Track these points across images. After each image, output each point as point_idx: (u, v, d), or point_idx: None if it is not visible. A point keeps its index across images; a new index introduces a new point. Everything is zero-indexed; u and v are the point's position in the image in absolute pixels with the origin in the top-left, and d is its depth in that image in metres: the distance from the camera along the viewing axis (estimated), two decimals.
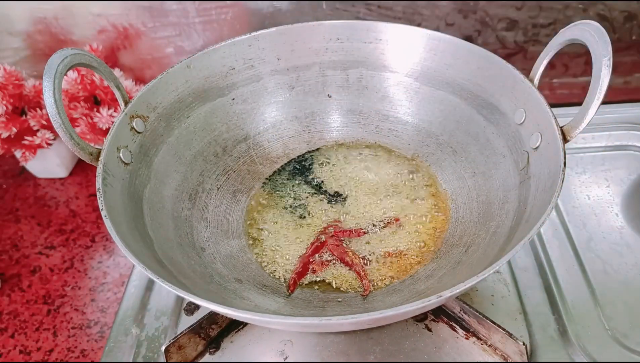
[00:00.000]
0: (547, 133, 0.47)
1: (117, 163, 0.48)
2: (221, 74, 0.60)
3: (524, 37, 0.76)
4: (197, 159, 0.58)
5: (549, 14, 0.73)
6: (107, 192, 0.44)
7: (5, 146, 0.69)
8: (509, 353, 0.48)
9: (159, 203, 0.52)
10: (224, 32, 0.76)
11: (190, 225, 0.54)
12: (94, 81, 0.70)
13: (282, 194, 0.61)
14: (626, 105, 0.74)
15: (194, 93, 0.58)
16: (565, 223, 0.60)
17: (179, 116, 0.57)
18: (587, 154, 0.69)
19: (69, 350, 0.56)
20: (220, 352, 0.50)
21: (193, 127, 0.58)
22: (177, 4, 0.73)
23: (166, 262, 0.45)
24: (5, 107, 0.67)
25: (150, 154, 0.53)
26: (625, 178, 0.66)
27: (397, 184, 0.60)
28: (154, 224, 0.49)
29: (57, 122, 0.44)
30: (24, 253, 0.67)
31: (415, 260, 0.53)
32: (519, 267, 0.56)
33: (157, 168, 0.53)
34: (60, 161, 0.75)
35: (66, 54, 0.45)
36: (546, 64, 0.50)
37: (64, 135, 0.45)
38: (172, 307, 0.55)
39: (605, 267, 0.55)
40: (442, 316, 0.51)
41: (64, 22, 0.74)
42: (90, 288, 0.62)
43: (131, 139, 0.51)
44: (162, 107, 0.55)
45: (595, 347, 0.48)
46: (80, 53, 0.47)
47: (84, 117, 0.69)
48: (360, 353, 0.49)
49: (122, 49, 0.77)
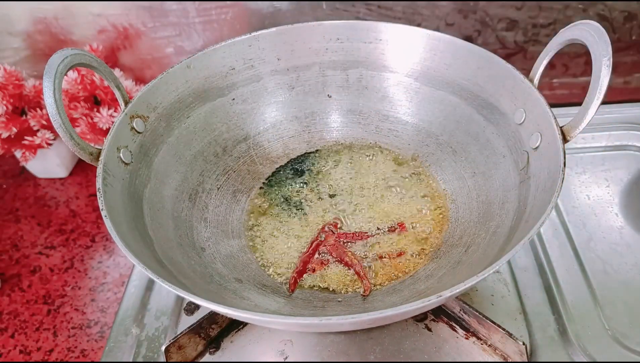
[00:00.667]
0: (547, 133, 0.47)
1: (117, 163, 0.48)
2: (221, 74, 0.60)
3: (524, 37, 0.76)
4: (197, 159, 0.58)
5: (549, 14, 0.73)
6: (107, 192, 0.44)
7: (5, 146, 0.69)
8: (509, 353, 0.48)
9: (159, 203, 0.52)
10: (224, 32, 0.76)
11: (190, 225, 0.54)
12: (94, 81, 0.70)
13: (282, 194, 0.61)
14: (626, 105, 0.74)
15: (194, 93, 0.58)
16: (565, 223, 0.60)
17: (179, 116, 0.57)
18: (587, 154, 0.69)
19: (69, 350, 0.56)
20: (220, 352, 0.50)
21: (193, 127, 0.58)
22: (177, 4, 0.73)
23: (166, 262, 0.45)
24: (5, 107, 0.67)
25: (150, 154, 0.53)
26: (625, 178, 0.66)
27: (397, 184, 0.60)
28: (154, 224, 0.49)
29: (58, 122, 0.44)
30: (24, 253, 0.67)
31: (415, 260, 0.53)
32: (519, 267, 0.56)
33: (157, 168, 0.53)
34: (60, 161, 0.75)
35: (66, 54, 0.45)
36: (546, 64, 0.50)
37: (64, 135, 0.45)
38: (172, 307, 0.55)
39: (605, 267, 0.55)
40: (442, 316, 0.51)
41: (64, 22, 0.74)
42: (90, 288, 0.62)
43: (131, 139, 0.51)
44: (162, 107, 0.55)
45: (595, 347, 0.49)
46: (81, 53, 0.47)
47: (84, 118, 0.69)
48: (360, 353, 0.49)
49: (122, 49, 0.77)
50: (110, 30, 0.75)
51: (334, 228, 0.56)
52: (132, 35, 0.76)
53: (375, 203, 0.59)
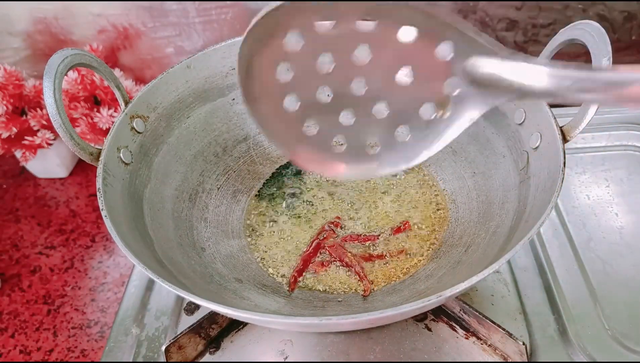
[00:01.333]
0: (547, 133, 0.47)
1: (117, 163, 0.48)
2: (221, 75, 0.60)
3: (523, 37, 0.76)
4: (197, 159, 0.58)
5: (549, 14, 0.73)
6: (108, 192, 0.44)
7: (5, 146, 0.69)
8: (509, 353, 0.48)
9: (159, 203, 0.52)
10: (224, 32, 0.76)
11: (191, 225, 0.54)
12: (94, 81, 0.70)
13: (282, 194, 0.61)
14: None
15: (194, 93, 0.58)
16: (565, 223, 0.60)
17: (179, 116, 0.57)
18: (587, 154, 0.69)
19: (69, 350, 0.56)
20: (220, 352, 0.50)
21: (193, 127, 0.58)
22: (177, 4, 0.73)
23: (166, 262, 0.45)
24: (5, 107, 0.67)
25: (150, 154, 0.53)
26: (625, 178, 0.66)
27: (396, 183, 0.60)
28: (154, 225, 0.49)
29: (58, 122, 0.44)
30: (24, 253, 0.67)
31: (415, 259, 0.53)
32: (519, 267, 0.56)
33: (157, 168, 0.53)
34: (60, 161, 0.75)
35: (66, 54, 0.45)
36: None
37: (64, 135, 0.45)
38: (172, 307, 0.55)
39: (605, 267, 0.55)
40: (442, 316, 0.51)
41: (64, 22, 0.74)
42: (90, 288, 0.62)
43: (131, 139, 0.51)
44: (163, 108, 0.55)
45: (595, 347, 0.48)
46: (81, 53, 0.47)
47: (84, 117, 0.69)
48: (360, 353, 0.49)
49: (122, 49, 0.77)
50: (110, 30, 0.75)
51: (335, 227, 0.56)
52: (132, 35, 0.76)
53: (375, 203, 0.59)
